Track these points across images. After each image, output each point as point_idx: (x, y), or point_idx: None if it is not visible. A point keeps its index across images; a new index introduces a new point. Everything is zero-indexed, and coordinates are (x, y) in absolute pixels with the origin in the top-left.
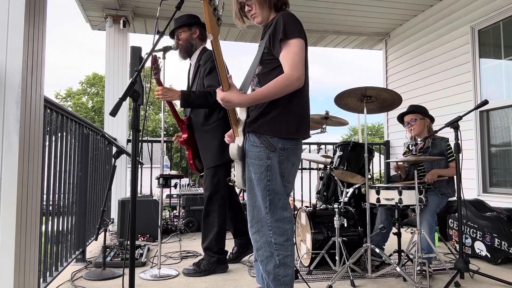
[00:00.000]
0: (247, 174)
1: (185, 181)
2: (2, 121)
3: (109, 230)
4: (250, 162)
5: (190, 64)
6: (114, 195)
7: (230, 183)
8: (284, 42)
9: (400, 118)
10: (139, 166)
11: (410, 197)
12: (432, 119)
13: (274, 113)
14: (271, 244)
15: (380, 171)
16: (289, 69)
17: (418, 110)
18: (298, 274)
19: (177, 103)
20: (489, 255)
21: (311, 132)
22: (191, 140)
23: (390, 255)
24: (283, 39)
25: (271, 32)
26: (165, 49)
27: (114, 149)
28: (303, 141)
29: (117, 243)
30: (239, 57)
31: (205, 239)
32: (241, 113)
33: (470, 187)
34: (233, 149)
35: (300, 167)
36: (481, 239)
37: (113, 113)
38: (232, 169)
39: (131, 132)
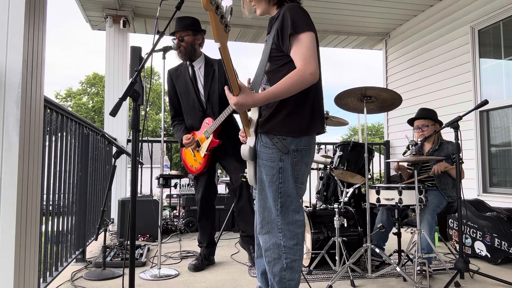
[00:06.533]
0: (258, 175)
1: (185, 181)
2: (2, 121)
3: (109, 230)
4: (262, 164)
5: (193, 68)
6: (114, 195)
7: (243, 179)
8: (294, 37)
9: (410, 121)
10: (139, 166)
11: (410, 197)
12: (441, 124)
13: (285, 112)
14: (280, 246)
15: (380, 171)
16: (301, 65)
17: (430, 116)
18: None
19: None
20: (489, 255)
21: None
22: (215, 151)
23: (390, 255)
24: (292, 34)
25: (279, 27)
26: (165, 49)
27: (114, 149)
28: None
29: (117, 243)
30: (238, 57)
31: (253, 226)
32: (253, 113)
33: (470, 187)
34: (244, 151)
35: None
36: (481, 239)
37: (113, 113)
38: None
39: (131, 132)
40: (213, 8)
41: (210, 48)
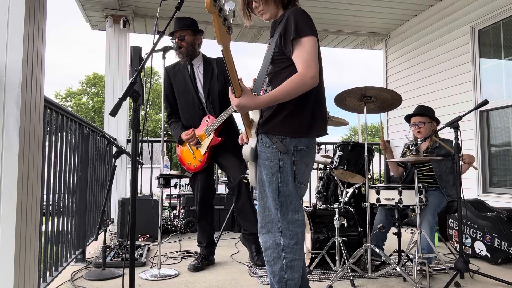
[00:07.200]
0: (259, 175)
1: (185, 181)
2: (2, 121)
3: (109, 230)
4: (262, 163)
5: (192, 67)
6: (114, 195)
7: (245, 180)
8: (296, 41)
9: (407, 118)
10: (139, 166)
11: (410, 197)
12: (438, 122)
13: (286, 112)
14: (280, 246)
15: (380, 171)
16: (302, 68)
17: (427, 113)
18: None
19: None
20: (489, 255)
21: None
22: (214, 149)
23: (390, 255)
24: (295, 38)
25: (282, 31)
26: (165, 49)
27: (114, 149)
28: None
29: (117, 243)
30: (239, 57)
31: (254, 224)
32: (255, 115)
33: (470, 187)
34: (246, 151)
35: None
36: (481, 239)
37: (113, 113)
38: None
39: (131, 132)
40: (216, 11)
41: (209, 48)
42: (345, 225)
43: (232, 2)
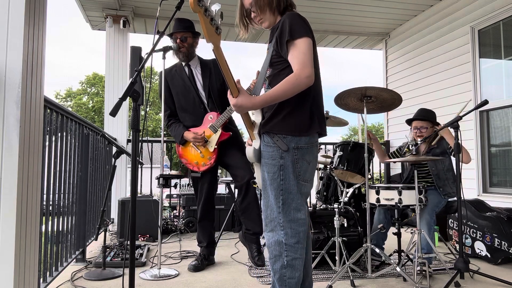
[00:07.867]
0: (262, 174)
1: (185, 181)
2: (2, 121)
3: (109, 230)
4: (264, 162)
5: (190, 67)
6: (114, 195)
7: (254, 185)
8: (291, 43)
9: (409, 121)
10: (139, 166)
11: (410, 197)
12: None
13: (285, 112)
14: (282, 244)
15: (380, 171)
16: (298, 69)
17: (429, 118)
18: None
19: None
20: (489, 255)
21: None
22: (220, 148)
23: (390, 255)
24: (289, 40)
25: (278, 34)
26: (165, 49)
27: (114, 149)
28: None
29: (117, 243)
30: (239, 57)
31: (258, 224)
32: (256, 116)
33: (470, 187)
34: (249, 152)
35: None
36: (481, 239)
37: (113, 113)
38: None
39: (131, 132)
40: (202, 10)
41: (208, 49)
42: (345, 225)
43: (218, 3)
